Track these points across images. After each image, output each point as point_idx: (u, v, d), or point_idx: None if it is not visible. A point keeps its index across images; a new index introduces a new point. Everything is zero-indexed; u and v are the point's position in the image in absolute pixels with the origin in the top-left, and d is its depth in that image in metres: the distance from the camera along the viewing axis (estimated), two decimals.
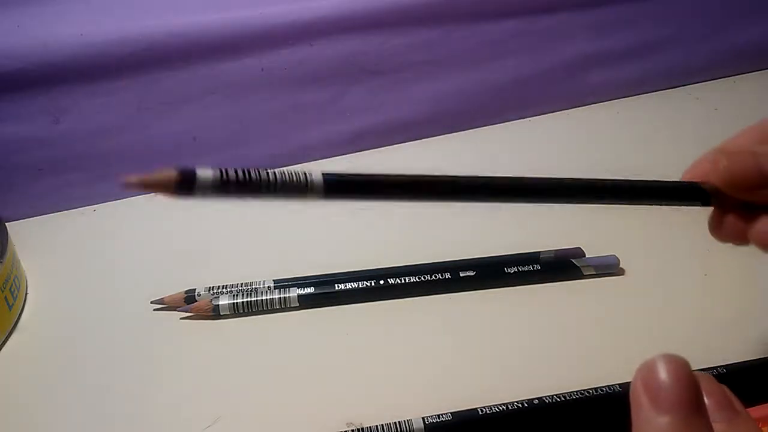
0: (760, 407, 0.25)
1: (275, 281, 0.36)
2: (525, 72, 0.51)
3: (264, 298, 0.35)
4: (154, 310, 0.36)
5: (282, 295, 0.35)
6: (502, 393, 0.28)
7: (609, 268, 0.36)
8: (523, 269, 0.36)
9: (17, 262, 0.38)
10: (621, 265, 0.37)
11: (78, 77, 0.41)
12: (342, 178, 0.19)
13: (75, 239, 0.43)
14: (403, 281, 0.36)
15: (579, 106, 0.53)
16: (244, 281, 0.37)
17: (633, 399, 0.16)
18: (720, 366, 0.29)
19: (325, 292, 0.36)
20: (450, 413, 0.28)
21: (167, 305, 0.36)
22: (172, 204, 0.53)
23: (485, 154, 0.49)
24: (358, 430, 0.27)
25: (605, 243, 0.37)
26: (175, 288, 0.36)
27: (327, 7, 0.44)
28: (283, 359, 0.33)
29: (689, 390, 0.15)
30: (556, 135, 0.50)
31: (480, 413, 0.28)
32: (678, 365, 0.16)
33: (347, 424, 0.28)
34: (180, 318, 0.36)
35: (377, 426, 0.27)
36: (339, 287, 0.36)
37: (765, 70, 0.56)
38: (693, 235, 0.39)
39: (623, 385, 0.28)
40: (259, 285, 0.36)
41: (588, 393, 0.28)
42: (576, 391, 0.28)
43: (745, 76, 0.56)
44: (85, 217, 0.45)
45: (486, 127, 0.51)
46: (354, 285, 0.36)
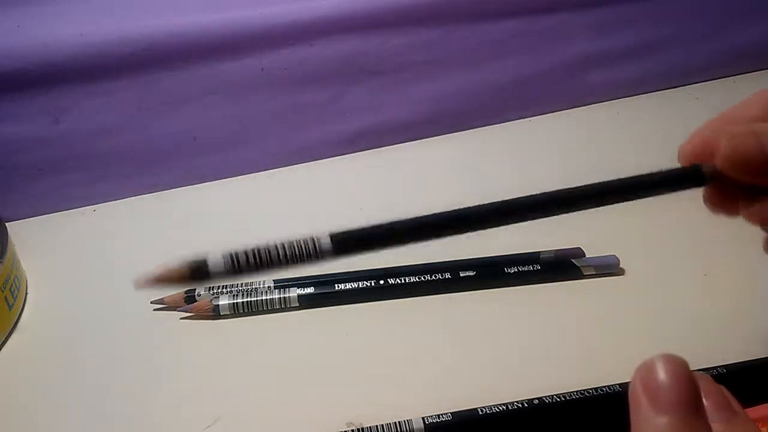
0: (759, 407, 0.25)
1: (275, 281, 0.36)
2: (525, 72, 0.51)
3: (264, 298, 0.35)
4: (154, 310, 0.36)
5: (282, 295, 0.35)
6: (502, 393, 0.28)
7: (609, 268, 0.36)
8: (523, 269, 0.36)
9: (17, 262, 0.38)
10: (621, 265, 0.37)
11: (78, 77, 0.41)
12: (350, 234, 0.19)
13: (75, 239, 0.43)
14: (403, 281, 0.36)
15: (579, 106, 0.53)
16: (244, 281, 0.37)
17: (632, 399, 0.16)
18: (720, 366, 0.29)
19: (325, 292, 0.36)
20: (450, 413, 0.28)
21: (167, 305, 0.36)
22: (171, 204, 0.52)
23: (485, 154, 0.49)
24: (358, 430, 0.27)
25: (605, 243, 0.37)
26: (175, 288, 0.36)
27: (327, 7, 0.44)
28: (283, 359, 0.33)
29: (688, 390, 0.15)
30: (556, 135, 0.50)
31: (480, 413, 0.28)
32: (677, 365, 0.16)
33: (347, 424, 0.28)
34: (180, 318, 0.36)
35: (377, 426, 0.27)
36: (339, 287, 0.36)
37: (765, 70, 0.56)
38: (693, 236, 0.39)
39: (623, 385, 0.28)
40: (259, 285, 0.36)
41: (588, 393, 0.28)
42: (576, 391, 0.28)
43: (745, 76, 0.55)
44: (85, 217, 0.45)
45: (486, 127, 0.51)
46: (354, 285, 0.36)
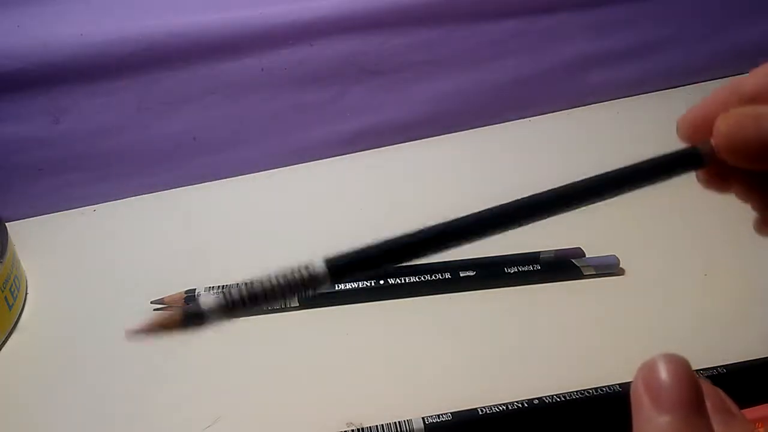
0: (758, 407, 0.25)
1: None
2: (525, 72, 0.51)
3: None
4: (154, 310, 0.36)
5: None
6: (502, 393, 0.28)
7: (609, 268, 0.36)
8: (523, 269, 0.36)
9: (17, 262, 0.38)
10: (621, 265, 0.36)
11: (78, 77, 0.42)
12: (345, 258, 0.18)
13: (75, 239, 0.43)
14: (403, 281, 0.36)
15: (579, 106, 0.53)
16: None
17: (634, 398, 0.16)
18: (720, 366, 0.29)
19: (325, 292, 0.35)
20: (450, 413, 0.28)
21: (167, 305, 0.36)
22: (172, 204, 0.52)
23: (485, 154, 0.49)
24: (358, 430, 0.27)
25: (605, 243, 0.37)
26: (175, 288, 0.36)
27: (327, 7, 0.44)
28: (283, 359, 0.33)
29: (690, 390, 0.15)
30: (556, 135, 0.50)
31: (480, 413, 0.28)
32: (679, 365, 0.16)
33: (347, 424, 0.28)
34: None
35: (377, 426, 0.27)
36: (339, 287, 0.35)
37: None
38: (693, 236, 0.39)
39: (623, 385, 0.28)
40: None
41: (588, 393, 0.28)
42: (576, 391, 0.28)
43: (745, 76, 0.55)
44: (85, 217, 0.45)
45: (486, 127, 0.51)
46: (354, 285, 0.36)
